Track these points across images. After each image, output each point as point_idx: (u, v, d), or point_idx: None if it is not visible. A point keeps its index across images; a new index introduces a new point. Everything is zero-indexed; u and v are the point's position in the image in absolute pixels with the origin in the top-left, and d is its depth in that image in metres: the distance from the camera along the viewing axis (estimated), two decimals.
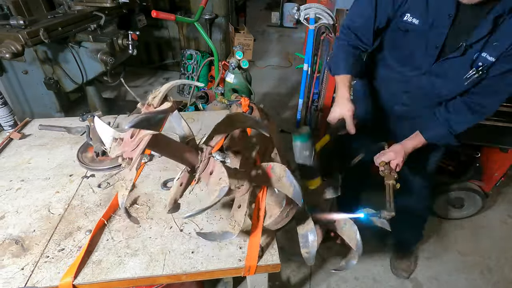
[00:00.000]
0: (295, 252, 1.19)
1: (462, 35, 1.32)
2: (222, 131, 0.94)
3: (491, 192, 2.59)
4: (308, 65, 2.93)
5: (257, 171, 1.01)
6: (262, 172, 1.00)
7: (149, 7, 3.62)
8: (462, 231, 2.71)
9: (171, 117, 0.99)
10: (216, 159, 0.94)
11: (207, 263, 1.10)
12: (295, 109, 3.62)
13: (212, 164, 0.94)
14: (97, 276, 1.05)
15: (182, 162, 0.93)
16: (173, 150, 0.88)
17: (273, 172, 0.96)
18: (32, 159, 1.56)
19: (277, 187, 0.96)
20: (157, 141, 0.80)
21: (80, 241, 1.15)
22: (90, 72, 2.73)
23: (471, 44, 1.31)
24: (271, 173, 0.97)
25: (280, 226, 1.13)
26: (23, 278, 1.03)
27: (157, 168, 1.51)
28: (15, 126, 1.74)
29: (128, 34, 2.67)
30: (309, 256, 1.15)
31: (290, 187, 0.92)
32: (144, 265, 1.08)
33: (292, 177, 0.91)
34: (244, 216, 1.02)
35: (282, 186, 0.94)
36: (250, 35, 5.63)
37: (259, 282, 1.27)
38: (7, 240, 1.15)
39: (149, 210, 1.28)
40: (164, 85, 0.84)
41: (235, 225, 1.04)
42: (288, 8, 7.40)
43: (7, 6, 2.41)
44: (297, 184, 0.90)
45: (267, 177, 0.98)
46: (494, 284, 2.33)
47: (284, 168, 0.93)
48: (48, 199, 1.33)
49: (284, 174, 0.93)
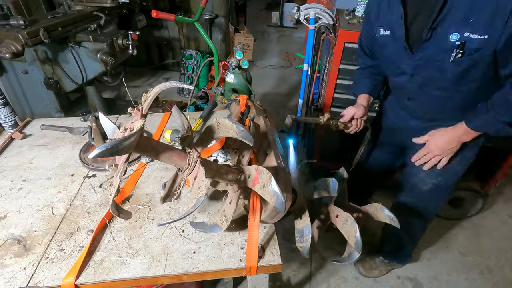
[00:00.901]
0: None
1: (422, 25, 1.34)
2: (207, 139, 0.99)
3: (491, 192, 2.59)
4: (308, 65, 2.93)
5: (246, 174, 1.01)
6: (250, 175, 1.00)
7: (149, 7, 3.62)
8: (462, 231, 2.72)
9: (175, 112, 1.00)
10: (219, 156, 0.94)
11: (209, 263, 1.10)
12: (295, 109, 3.62)
13: (196, 170, 0.94)
14: (99, 276, 1.05)
15: (171, 164, 0.93)
16: (160, 153, 0.88)
17: (260, 177, 0.95)
18: (34, 159, 1.56)
19: (261, 194, 0.95)
20: (141, 145, 0.81)
21: (82, 241, 1.15)
22: (90, 72, 2.73)
23: (431, 26, 1.29)
24: (258, 178, 0.96)
25: (277, 219, 1.13)
26: (25, 278, 1.03)
27: (158, 168, 1.51)
28: (16, 126, 1.74)
29: (128, 34, 2.67)
30: (303, 250, 1.16)
31: (273, 196, 0.90)
32: (145, 265, 1.08)
33: (277, 187, 0.89)
34: (232, 213, 1.05)
35: (265, 194, 0.93)
36: (250, 35, 5.64)
37: (260, 282, 1.27)
38: (9, 239, 1.15)
39: (151, 210, 1.28)
40: (154, 88, 0.84)
41: (224, 220, 1.06)
42: (288, 8, 7.42)
43: (7, 6, 2.41)
44: (281, 194, 0.88)
45: (253, 182, 0.98)
46: (494, 284, 2.33)
47: (270, 176, 0.91)
48: (50, 199, 1.33)
49: (269, 182, 0.92)
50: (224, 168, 0.99)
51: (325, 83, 2.73)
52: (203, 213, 1.29)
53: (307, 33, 2.90)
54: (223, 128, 0.96)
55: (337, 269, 2.39)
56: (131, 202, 1.32)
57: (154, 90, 0.85)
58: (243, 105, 1.28)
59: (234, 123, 0.93)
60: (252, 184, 0.97)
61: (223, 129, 0.96)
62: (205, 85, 3.96)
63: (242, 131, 0.92)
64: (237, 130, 0.92)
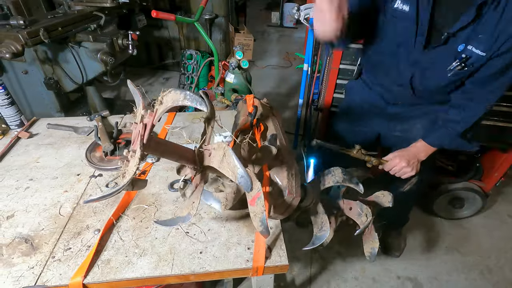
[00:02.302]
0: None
1: (448, 24, 1.29)
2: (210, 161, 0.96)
3: (491, 192, 2.60)
4: (308, 65, 2.94)
5: None
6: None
7: (149, 7, 3.62)
8: (462, 231, 2.73)
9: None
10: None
11: (215, 263, 1.10)
12: (295, 109, 3.64)
13: (199, 179, 0.94)
14: (106, 275, 1.05)
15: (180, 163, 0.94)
16: (175, 155, 0.88)
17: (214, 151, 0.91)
18: (40, 158, 1.56)
19: (219, 168, 0.89)
20: (152, 145, 0.81)
21: (89, 241, 1.15)
22: (90, 72, 2.74)
23: (453, 32, 1.28)
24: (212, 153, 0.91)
25: (287, 214, 1.12)
26: (33, 277, 1.03)
27: (163, 168, 1.51)
28: (21, 125, 1.74)
29: (128, 34, 2.67)
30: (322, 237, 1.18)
31: (234, 169, 0.84)
32: (152, 265, 1.09)
33: (236, 160, 0.83)
34: (233, 202, 1.09)
35: (223, 168, 0.87)
36: (250, 35, 5.64)
37: (266, 283, 1.27)
38: (17, 238, 1.15)
39: (157, 210, 1.28)
40: (166, 96, 0.82)
41: (226, 203, 1.09)
42: (288, 8, 7.43)
43: (7, 6, 2.42)
44: (242, 167, 0.82)
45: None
46: (494, 284, 2.35)
47: (224, 146, 0.86)
48: (57, 198, 1.33)
49: (228, 156, 0.85)
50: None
51: (325, 83, 2.74)
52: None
53: (307, 33, 2.92)
54: (225, 164, 0.87)
55: (337, 269, 2.40)
56: (138, 202, 1.32)
57: (166, 100, 0.83)
58: (250, 105, 1.28)
59: (238, 166, 0.83)
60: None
61: (225, 165, 0.87)
62: (205, 85, 3.96)
63: (242, 177, 0.83)
64: (237, 175, 0.83)
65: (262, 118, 1.31)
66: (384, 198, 1.30)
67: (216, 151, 0.90)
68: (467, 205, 2.69)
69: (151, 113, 0.83)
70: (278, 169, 1.09)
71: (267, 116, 1.33)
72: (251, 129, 1.24)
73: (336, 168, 1.23)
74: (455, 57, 1.32)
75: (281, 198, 1.06)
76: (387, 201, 1.29)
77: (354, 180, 1.19)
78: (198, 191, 0.93)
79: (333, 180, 1.20)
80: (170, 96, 0.82)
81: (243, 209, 1.27)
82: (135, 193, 1.34)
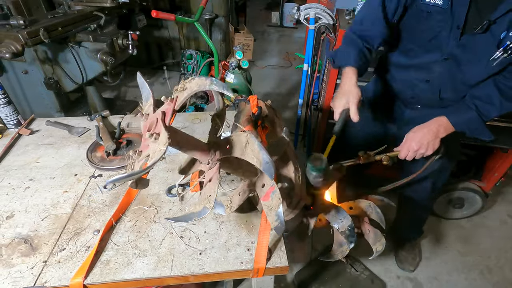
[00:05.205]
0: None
1: (486, 12, 1.23)
2: (229, 152, 0.94)
3: (491, 192, 2.61)
4: (308, 65, 2.94)
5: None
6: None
7: (149, 7, 3.62)
8: (462, 231, 2.73)
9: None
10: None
11: (215, 264, 1.10)
12: (295, 109, 3.63)
13: (213, 172, 0.93)
14: (105, 276, 1.05)
15: (192, 156, 0.94)
16: (184, 145, 0.87)
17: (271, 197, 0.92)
18: (40, 158, 1.56)
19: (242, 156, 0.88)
20: (172, 131, 0.80)
21: (88, 241, 1.15)
22: (90, 72, 2.73)
23: (494, 19, 1.22)
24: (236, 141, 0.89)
25: (293, 215, 1.11)
26: (32, 277, 1.03)
27: (163, 169, 1.51)
28: (19, 125, 1.74)
29: (128, 34, 2.67)
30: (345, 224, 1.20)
31: (258, 155, 0.82)
32: (152, 266, 1.09)
33: (264, 150, 0.82)
34: (238, 203, 1.06)
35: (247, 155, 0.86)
36: (250, 35, 5.64)
37: (266, 284, 1.27)
38: (16, 239, 1.15)
39: (157, 212, 1.28)
40: (190, 83, 0.83)
41: (231, 206, 1.07)
42: (288, 8, 7.42)
43: (7, 6, 2.41)
44: (266, 153, 0.81)
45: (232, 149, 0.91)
46: (494, 284, 2.35)
47: (246, 134, 0.85)
48: (56, 199, 1.33)
49: (250, 141, 0.85)
50: (243, 166, 0.98)
51: (325, 83, 2.74)
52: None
53: (307, 33, 2.91)
54: (249, 151, 0.86)
55: (337, 270, 2.39)
56: (137, 204, 1.32)
57: (190, 86, 0.83)
58: (254, 106, 1.27)
59: (262, 152, 0.82)
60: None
61: (249, 152, 0.86)
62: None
63: (267, 163, 0.81)
64: (262, 161, 0.82)
65: (268, 118, 1.31)
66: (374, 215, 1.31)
67: (237, 140, 0.89)
68: (467, 205, 2.68)
69: (171, 100, 0.83)
70: (285, 170, 1.09)
71: (272, 118, 1.32)
72: (255, 129, 1.23)
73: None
74: (498, 46, 1.26)
75: (289, 199, 1.06)
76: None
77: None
78: (213, 183, 0.92)
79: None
80: (195, 82, 0.83)
81: (243, 212, 1.27)
82: (135, 194, 1.34)
